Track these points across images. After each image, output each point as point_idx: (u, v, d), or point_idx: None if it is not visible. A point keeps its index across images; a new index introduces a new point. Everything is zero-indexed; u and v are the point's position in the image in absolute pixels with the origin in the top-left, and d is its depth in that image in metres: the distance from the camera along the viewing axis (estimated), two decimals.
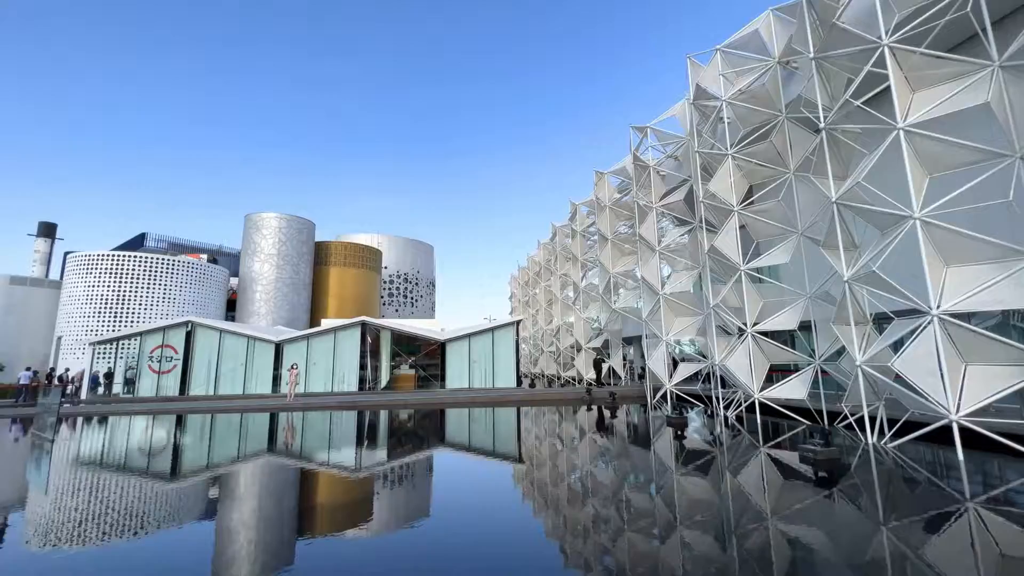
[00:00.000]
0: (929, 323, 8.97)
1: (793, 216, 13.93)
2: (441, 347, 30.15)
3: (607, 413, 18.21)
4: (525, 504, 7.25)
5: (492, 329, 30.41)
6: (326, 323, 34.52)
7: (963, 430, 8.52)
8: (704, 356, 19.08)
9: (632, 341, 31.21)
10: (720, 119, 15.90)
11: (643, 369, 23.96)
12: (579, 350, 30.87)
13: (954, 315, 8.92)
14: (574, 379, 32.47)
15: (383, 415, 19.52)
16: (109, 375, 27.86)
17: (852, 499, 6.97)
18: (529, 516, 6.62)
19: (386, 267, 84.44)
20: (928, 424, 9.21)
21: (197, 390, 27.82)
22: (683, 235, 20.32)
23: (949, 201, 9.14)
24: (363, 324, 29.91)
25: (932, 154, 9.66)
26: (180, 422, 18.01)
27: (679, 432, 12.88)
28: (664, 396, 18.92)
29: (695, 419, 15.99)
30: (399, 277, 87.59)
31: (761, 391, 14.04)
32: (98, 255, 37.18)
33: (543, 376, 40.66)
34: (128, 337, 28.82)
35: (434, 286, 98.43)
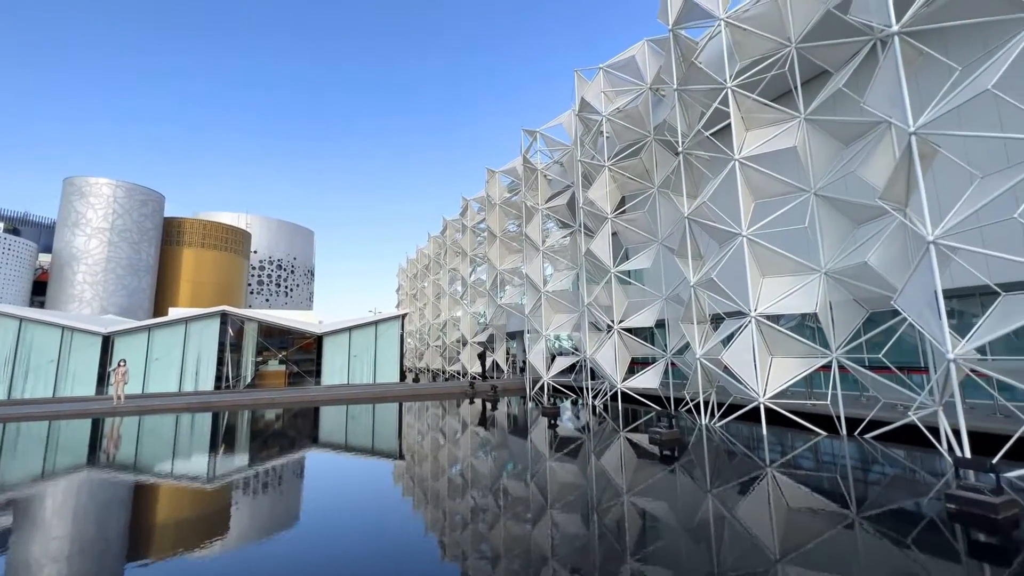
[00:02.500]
0: (748, 323, 10.93)
1: (655, 227, 15.78)
2: (318, 341, 28.09)
3: (489, 406, 18.74)
4: (404, 500, 7.18)
5: (376, 322, 29.22)
6: (176, 312, 29.90)
7: (768, 410, 10.56)
8: (578, 350, 20.67)
9: (516, 336, 32.46)
10: (600, 133, 17.31)
11: (524, 363, 25.12)
12: (465, 344, 31.19)
13: (767, 317, 10.98)
14: (459, 373, 32.74)
15: (245, 416, 17.58)
16: None
17: (688, 472, 8.21)
18: (408, 512, 6.57)
19: (255, 251, 75.76)
20: (745, 406, 11.23)
21: None
22: (565, 237, 21.73)
23: (767, 224, 11.20)
24: (224, 314, 26.51)
25: (758, 184, 11.72)
26: None
27: (553, 421, 13.81)
28: (542, 388, 20.08)
29: (568, 409, 17.28)
30: (271, 263, 79.25)
31: (623, 381, 15.71)
32: None
33: (428, 370, 40.26)
34: None
35: (313, 275, 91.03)
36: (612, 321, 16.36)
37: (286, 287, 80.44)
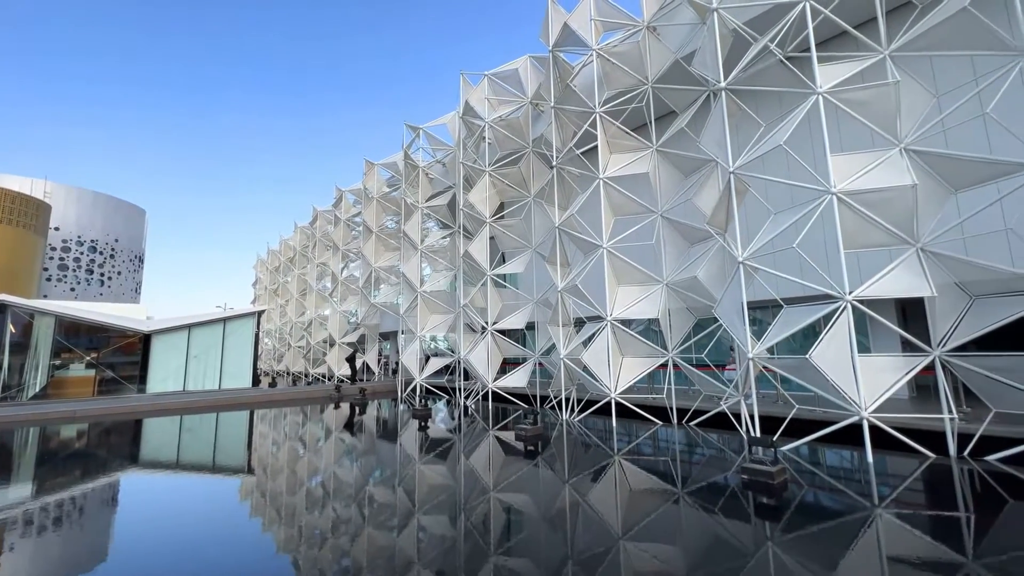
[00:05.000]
0: (605, 326, 12.16)
1: (530, 234, 16.65)
2: (144, 340, 23.61)
3: (357, 410, 17.76)
4: (251, 520, 6.41)
5: (224, 319, 25.63)
6: None
7: (618, 404, 11.87)
8: (452, 351, 20.77)
9: (389, 336, 31.32)
10: (483, 138, 17.68)
11: (397, 364, 24.37)
12: (333, 345, 29.10)
13: (620, 321, 12.34)
14: (324, 376, 30.42)
15: (30, 434, 13.97)
16: None
17: (549, 465, 8.81)
18: (254, 531, 5.88)
19: (57, 228, 61.00)
20: (599, 401, 12.45)
21: None
22: (444, 238, 21.67)
23: (623, 238, 12.61)
24: (1, 305, 20.75)
25: (617, 202, 13.13)
26: None
27: (424, 423, 13.65)
28: (415, 389, 19.70)
29: (440, 410, 17.23)
30: (81, 244, 64.52)
31: (495, 381, 16.22)
32: None
33: (288, 374, 36.60)
34: None
35: (142, 262, 76.53)
36: (486, 323, 16.79)
37: (102, 275, 66.37)
